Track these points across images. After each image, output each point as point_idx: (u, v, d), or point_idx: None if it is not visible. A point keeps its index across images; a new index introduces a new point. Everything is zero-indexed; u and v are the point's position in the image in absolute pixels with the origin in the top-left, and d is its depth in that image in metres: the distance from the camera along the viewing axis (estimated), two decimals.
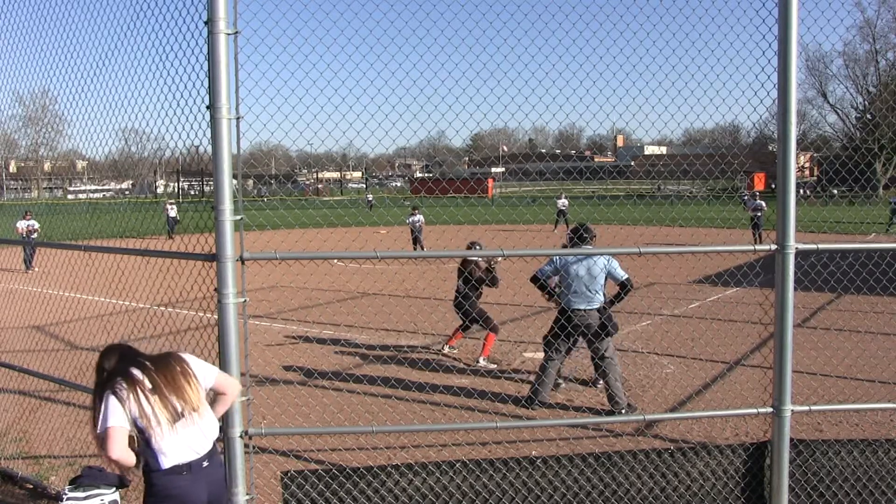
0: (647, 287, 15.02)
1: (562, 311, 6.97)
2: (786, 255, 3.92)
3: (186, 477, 3.06)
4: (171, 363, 3.13)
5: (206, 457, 3.15)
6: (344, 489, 3.88)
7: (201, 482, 3.10)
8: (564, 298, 6.96)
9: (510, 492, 4.03)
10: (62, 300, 11.74)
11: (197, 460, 3.10)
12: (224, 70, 3.49)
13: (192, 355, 3.31)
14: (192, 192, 42.74)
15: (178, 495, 3.04)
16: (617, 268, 6.92)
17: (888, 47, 53.15)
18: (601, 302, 6.93)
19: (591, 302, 6.88)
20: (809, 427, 6.33)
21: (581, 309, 6.86)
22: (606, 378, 6.82)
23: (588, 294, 6.85)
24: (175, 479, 3.04)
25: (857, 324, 10.83)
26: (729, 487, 4.20)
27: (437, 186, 51.92)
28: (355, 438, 6.18)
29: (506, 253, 4.39)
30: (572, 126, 64.30)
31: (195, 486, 3.08)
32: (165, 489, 3.03)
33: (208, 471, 3.15)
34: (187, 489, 3.06)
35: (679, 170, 11.90)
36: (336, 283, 15.50)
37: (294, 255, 3.88)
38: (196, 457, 3.10)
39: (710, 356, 8.94)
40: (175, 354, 3.21)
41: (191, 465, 3.08)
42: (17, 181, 27.72)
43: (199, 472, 3.10)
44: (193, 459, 3.09)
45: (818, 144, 39.69)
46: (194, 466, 3.09)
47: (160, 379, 3.04)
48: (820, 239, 7.61)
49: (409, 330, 10.62)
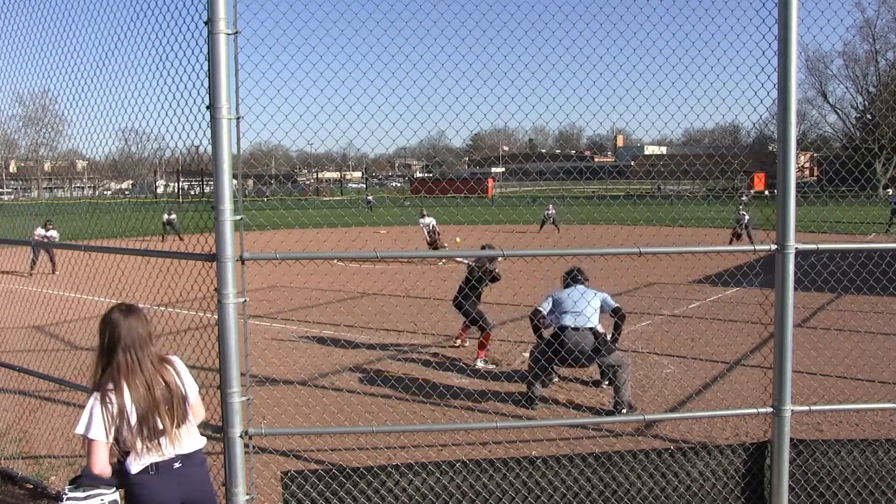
0: (647, 287, 15.02)
1: (555, 334, 6.94)
2: (786, 255, 3.92)
3: (153, 476, 3.10)
4: (166, 376, 3.14)
5: (180, 458, 3.16)
6: (344, 489, 3.88)
7: (172, 482, 3.12)
8: (557, 322, 6.95)
9: (510, 492, 4.03)
10: (62, 300, 11.74)
11: (166, 461, 3.12)
12: (224, 70, 3.49)
13: (183, 364, 3.32)
14: (192, 192, 42.73)
15: (144, 494, 3.09)
16: (608, 297, 7.06)
17: (888, 47, 53.20)
18: (595, 324, 6.87)
19: (585, 321, 6.80)
20: (809, 427, 6.33)
21: (571, 326, 6.80)
22: (619, 375, 6.82)
23: (580, 313, 6.80)
24: (143, 478, 3.09)
25: (857, 324, 10.83)
26: (729, 487, 4.20)
27: (437, 186, 51.93)
28: (355, 438, 6.18)
29: (506, 253, 4.39)
30: (572, 126, 64.31)
31: (164, 486, 3.10)
32: (135, 491, 3.10)
33: (181, 471, 3.16)
34: (154, 489, 3.09)
35: (679, 170, 11.92)
36: (336, 283, 15.49)
37: (294, 255, 3.88)
38: (165, 458, 3.12)
39: (710, 356, 8.94)
40: (173, 364, 3.22)
41: (158, 465, 3.11)
42: (17, 181, 27.71)
43: (168, 472, 3.12)
44: (162, 460, 3.12)
45: (818, 144, 39.65)
46: (162, 467, 3.11)
47: (152, 393, 3.05)
48: (820, 239, 7.61)
49: (409, 330, 10.61)
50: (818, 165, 44.72)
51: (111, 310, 3.17)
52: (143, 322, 3.16)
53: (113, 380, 3.05)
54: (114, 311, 3.15)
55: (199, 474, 3.27)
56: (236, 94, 3.53)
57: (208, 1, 3.46)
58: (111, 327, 3.10)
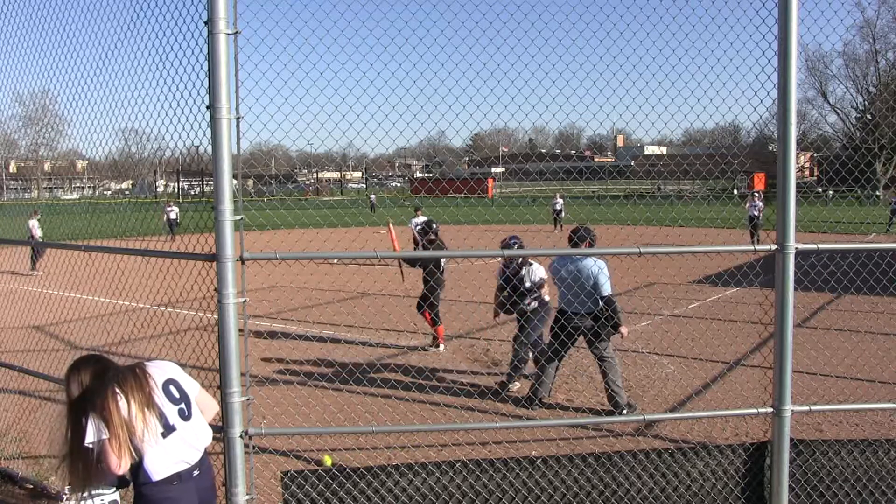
0: (647, 287, 15.02)
1: (559, 313, 6.96)
2: (786, 255, 3.92)
3: (177, 486, 3.05)
4: (142, 380, 3.05)
5: (197, 465, 3.14)
6: (344, 489, 3.88)
7: (192, 491, 3.10)
8: (560, 301, 6.95)
9: (510, 492, 4.03)
10: (62, 300, 11.73)
11: (187, 470, 3.09)
12: (224, 70, 3.49)
13: (177, 366, 3.29)
14: (192, 192, 42.73)
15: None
16: (604, 280, 6.65)
17: (888, 47, 53.16)
18: (593, 309, 6.77)
19: (580, 306, 6.74)
20: (809, 427, 6.33)
21: (568, 311, 6.78)
22: (606, 378, 6.81)
23: (575, 299, 6.71)
24: (166, 488, 3.04)
25: (857, 324, 10.83)
26: (729, 487, 4.20)
27: (437, 186, 51.97)
28: (355, 438, 6.18)
29: (506, 253, 4.40)
30: (572, 126, 64.40)
31: (186, 494, 3.08)
32: (156, 499, 3.04)
33: (199, 479, 3.14)
34: (178, 499, 3.05)
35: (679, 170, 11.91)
36: (336, 283, 15.49)
37: (294, 256, 3.88)
38: (186, 467, 3.09)
39: (710, 356, 8.94)
40: (144, 370, 3.12)
41: (181, 475, 3.07)
42: (17, 181, 27.71)
43: (189, 480, 3.10)
44: (183, 469, 3.08)
45: (818, 144, 39.69)
46: (184, 476, 3.08)
47: (138, 395, 3.00)
48: (820, 239, 7.61)
49: (409, 330, 10.61)
50: (818, 165, 44.72)
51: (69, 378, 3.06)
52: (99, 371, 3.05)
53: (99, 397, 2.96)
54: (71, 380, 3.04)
55: (211, 481, 3.28)
56: (236, 94, 3.53)
57: (208, 1, 3.45)
58: (76, 378, 3.01)
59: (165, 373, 3.20)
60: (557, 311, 6.97)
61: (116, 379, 3.00)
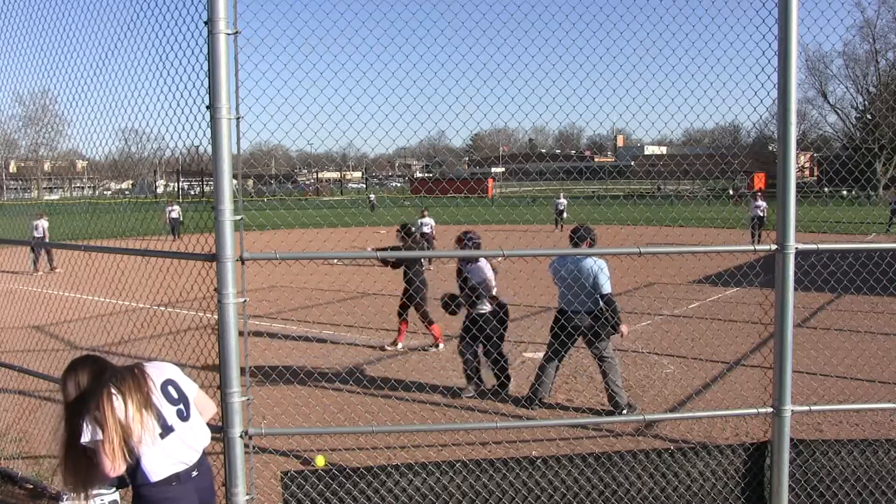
0: (647, 287, 15.02)
1: (559, 312, 6.94)
2: (786, 255, 3.92)
3: (176, 487, 3.05)
4: (140, 380, 3.04)
5: (196, 466, 3.14)
6: (344, 489, 3.88)
7: (191, 491, 3.10)
8: (560, 301, 6.94)
9: (510, 492, 4.03)
10: (62, 300, 11.74)
11: (186, 470, 3.09)
12: (224, 70, 3.49)
13: (176, 367, 3.28)
14: (192, 192, 42.74)
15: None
16: (604, 280, 6.63)
17: (888, 47, 53.14)
18: (593, 309, 6.76)
19: (580, 305, 6.73)
20: (809, 427, 6.33)
21: (568, 311, 6.77)
22: (606, 378, 6.81)
23: (574, 298, 6.70)
24: (164, 489, 3.03)
25: (857, 324, 10.83)
26: (729, 487, 4.20)
27: (437, 186, 51.98)
28: (355, 438, 6.18)
29: (506, 253, 4.39)
30: (572, 126, 64.41)
31: (186, 495, 3.07)
32: (154, 500, 3.03)
33: (198, 479, 3.14)
34: (177, 499, 3.05)
35: (679, 170, 11.90)
36: (336, 283, 15.49)
37: (294, 256, 3.88)
38: (185, 467, 3.09)
39: (710, 356, 8.93)
40: (142, 370, 3.11)
41: (179, 475, 3.07)
42: (17, 181, 27.71)
43: (188, 481, 3.09)
44: (182, 470, 3.08)
45: (818, 144, 39.69)
46: (183, 476, 3.08)
47: (136, 396, 2.99)
48: (820, 239, 7.61)
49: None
50: (818, 165, 44.74)
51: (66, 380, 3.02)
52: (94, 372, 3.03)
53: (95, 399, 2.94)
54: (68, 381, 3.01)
55: (210, 481, 3.27)
56: (236, 94, 3.53)
57: (208, 1, 3.45)
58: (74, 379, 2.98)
59: (164, 373, 3.19)
60: (557, 311, 6.97)
61: (114, 380, 2.99)
